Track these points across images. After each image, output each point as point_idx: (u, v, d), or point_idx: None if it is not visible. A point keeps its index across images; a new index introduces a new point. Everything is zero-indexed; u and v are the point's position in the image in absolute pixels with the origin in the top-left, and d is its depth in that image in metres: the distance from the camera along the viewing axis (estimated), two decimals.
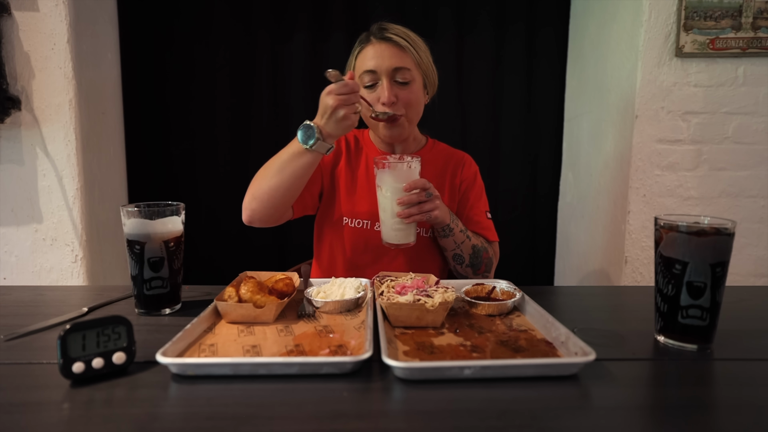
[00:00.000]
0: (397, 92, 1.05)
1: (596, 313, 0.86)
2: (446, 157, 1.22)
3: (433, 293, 0.76)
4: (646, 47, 1.56)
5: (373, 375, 0.59)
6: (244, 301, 0.75)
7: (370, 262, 1.13)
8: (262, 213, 1.03)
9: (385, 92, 1.04)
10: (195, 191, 2.03)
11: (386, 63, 1.04)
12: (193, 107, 2.00)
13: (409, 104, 1.07)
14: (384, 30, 1.07)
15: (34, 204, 1.55)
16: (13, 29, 1.48)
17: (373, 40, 1.07)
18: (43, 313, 0.82)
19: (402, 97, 1.06)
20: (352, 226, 1.13)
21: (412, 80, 1.07)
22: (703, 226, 0.65)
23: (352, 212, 1.13)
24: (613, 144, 1.73)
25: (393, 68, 1.04)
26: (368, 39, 1.08)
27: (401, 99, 1.06)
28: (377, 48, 1.05)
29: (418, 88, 1.09)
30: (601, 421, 0.50)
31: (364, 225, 1.12)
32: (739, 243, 1.60)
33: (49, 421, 0.49)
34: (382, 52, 1.05)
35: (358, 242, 1.13)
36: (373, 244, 1.12)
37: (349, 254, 1.13)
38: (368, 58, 1.06)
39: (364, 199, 1.14)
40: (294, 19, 1.98)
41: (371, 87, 1.07)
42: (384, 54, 1.04)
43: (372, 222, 1.12)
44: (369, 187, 1.14)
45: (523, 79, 2.09)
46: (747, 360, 0.65)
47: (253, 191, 1.02)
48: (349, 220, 1.13)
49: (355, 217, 1.13)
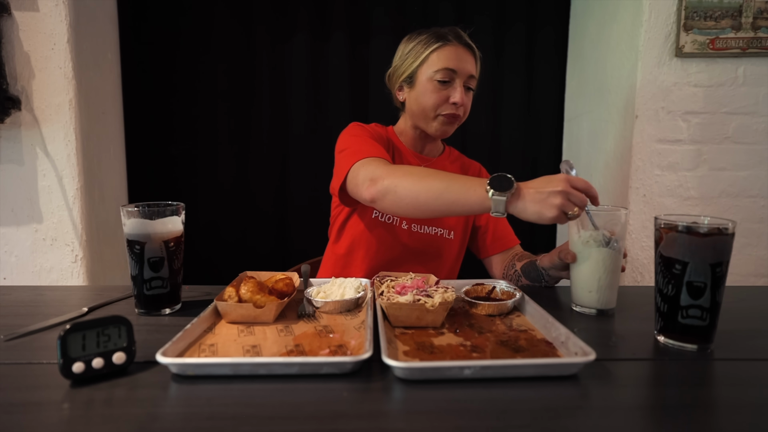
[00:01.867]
0: (464, 96, 1.10)
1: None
2: (462, 166, 1.26)
3: (433, 293, 0.76)
4: (646, 47, 1.56)
5: (373, 375, 0.59)
6: (244, 301, 0.75)
7: (391, 260, 1.14)
8: (391, 207, 0.93)
9: (459, 94, 1.08)
10: (195, 191, 2.03)
11: (467, 68, 1.09)
12: (193, 107, 2.00)
13: (466, 111, 1.14)
14: (463, 36, 1.12)
15: (34, 204, 1.55)
16: (13, 29, 1.48)
17: (456, 42, 1.10)
18: (43, 313, 0.82)
19: (466, 103, 1.12)
20: (382, 221, 1.14)
21: (473, 89, 1.14)
22: (703, 226, 0.65)
23: None
24: (613, 144, 1.73)
25: (469, 74, 1.10)
26: (448, 39, 1.10)
27: (465, 104, 1.12)
28: (460, 51, 1.09)
29: (472, 97, 1.16)
30: (601, 421, 0.49)
31: (394, 221, 1.14)
32: (739, 243, 1.60)
33: (49, 421, 0.49)
34: (465, 56, 1.10)
35: (385, 237, 1.14)
36: (398, 241, 1.14)
37: (373, 248, 1.14)
38: (450, 58, 1.09)
39: None
40: (294, 19, 1.98)
41: (444, 83, 1.09)
42: (466, 59, 1.10)
43: (400, 219, 1.14)
44: None
45: (523, 79, 2.09)
46: (747, 360, 0.64)
47: (393, 186, 0.90)
48: (380, 215, 1.14)
49: (385, 213, 1.14)
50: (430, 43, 1.10)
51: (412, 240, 1.15)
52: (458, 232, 1.19)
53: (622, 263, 0.85)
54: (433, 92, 1.09)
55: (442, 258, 1.18)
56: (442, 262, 1.19)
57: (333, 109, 2.03)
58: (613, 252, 0.81)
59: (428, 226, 1.15)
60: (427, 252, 1.16)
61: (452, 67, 1.08)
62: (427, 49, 1.10)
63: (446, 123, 1.12)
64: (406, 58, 1.14)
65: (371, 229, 1.14)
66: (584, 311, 0.83)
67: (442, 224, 1.17)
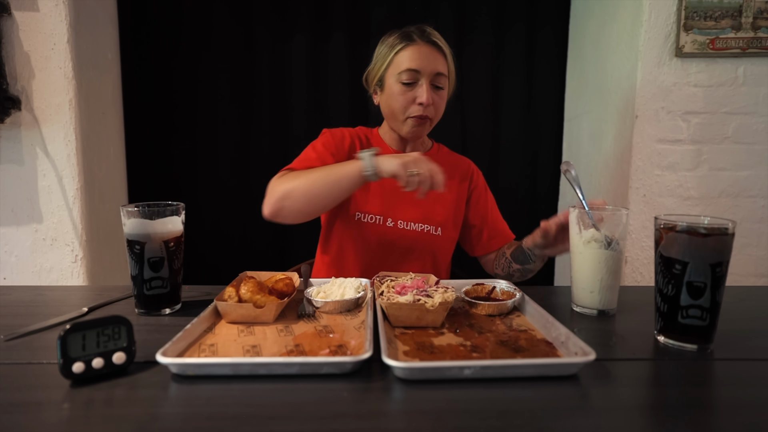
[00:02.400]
0: (432, 96, 1.08)
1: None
2: (452, 162, 1.24)
3: (433, 293, 0.76)
4: (646, 47, 1.56)
5: (373, 375, 0.59)
6: (244, 301, 0.75)
7: (381, 259, 1.14)
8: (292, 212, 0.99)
9: (424, 94, 1.06)
10: (195, 191, 2.03)
11: (430, 66, 1.07)
12: (194, 107, 2.00)
13: (438, 110, 1.12)
14: (428, 33, 1.10)
15: (34, 204, 1.55)
16: (13, 29, 1.48)
17: (418, 41, 1.08)
18: (43, 313, 0.82)
19: (436, 101, 1.10)
20: (365, 221, 1.14)
21: (444, 87, 1.11)
22: (703, 226, 0.65)
23: (365, 208, 1.15)
24: (613, 144, 1.73)
25: (435, 72, 1.08)
26: (412, 38, 1.09)
27: (435, 103, 1.10)
28: (423, 49, 1.08)
29: (445, 95, 1.14)
30: (601, 421, 0.49)
31: (377, 220, 1.14)
32: (739, 243, 1.60)
33: (49, 421, 0.49)
34: (428, 55, 1.07)
35: (371, 237, 1.14)
36: (385, 240, 1.14)
37: (361, 250, 1.14)
38: (413, 58, 1.07)
39: (377, 196, 1.15)
40: (294, 19, 1.98)
41: (409, 85, 1.08)
42: (429, 57, 1.07)
43: (384, 218, 1.14)
44: (381, 184, 1.13)
45: (523, 79, 2.08)
46: (747, 360, 0.64)
47: (288, 190, 0.97)
48: (362, 215, 1.14)
49: (368, 212, 1.14)
50: (395, 44, 1.10)
51: (399, 238, 1.14)
52: (447, 229, 1.18)
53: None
54: (399, 94, 1.09)
55: (433, 255, 1.17)
56: (434, 259, 1.18)
57: (333, 109, 2.03)
58: (615, 253, 0.81)
59: (414, 223, 1.14)
60: (415, 249, 1.15)
61: (415, 68, 1.06)
62: (392, 51, 1.10)
63: (416, 125, 1.11)
64: (377, 61, 1.14)
65: (356, 232, 1.14)
66: (585, 312, 0.83)
67: (429, 221, 1.15)
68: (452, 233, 1.21)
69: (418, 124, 1.11)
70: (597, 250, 0.81)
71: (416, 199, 1.08)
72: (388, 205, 1.14)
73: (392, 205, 1.14)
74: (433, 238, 1.16)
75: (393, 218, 1.14)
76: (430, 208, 1.16)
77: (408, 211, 1.15)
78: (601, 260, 0.81)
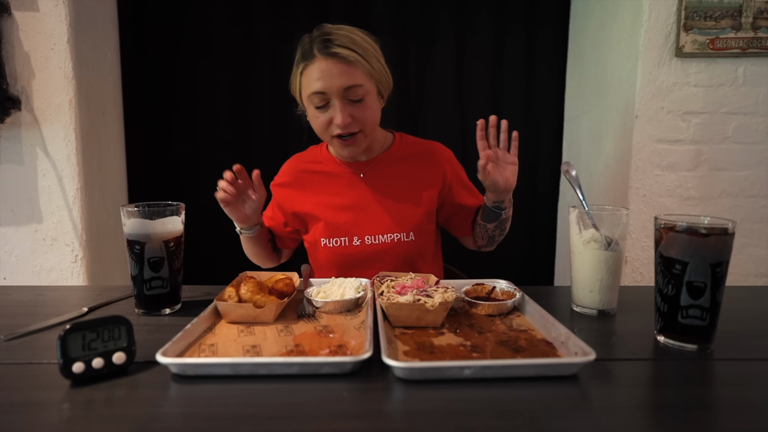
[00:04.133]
0: (351, 111, 0.98)
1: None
2: (420, 150, 1.16)
3: (433, 293, 0.76)
4: (646, 47, 1.56)
5: (373, 375, 0.59)
6: (244, 301, 0.75)
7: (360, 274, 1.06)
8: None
9: (338, 115, 0.97)
10: (195, 191, 2.03)
11: (336, 83, 0.95)
12: (194, 107, 2.01)
13: (365, 121, 1.00)
14: (328, 42, 0.96)
15: (34, 204, 1.55)
16: (13, 29, 1.48)
17: (318, 56, 0.96)
18: (43, 313, 0.82)
19: (357, 115, 0.99)
20: (330, 246, 1.10)
21: (365, 94, 0.99)
22: (703, 226, 0.65)
23: (328, 233, 1.10)
24: (613, 144, 1.73)
25: (344, 87, 0.96)
26: (312, 54, 0.97)
27: (356, 118, 0.99)
28: (323, 66, 0.96)
29: (373, 100, 1.02)
30: (601, 421, 0.49)
31: (342, 242, 1.09)
32: (739, 243, 1.60)
33: (49, 421, 0.49)
34: (330, 71, 0.95)
35: (339, 260, 1.10)
36: (354, 259, 1.09)
37: (335, 270, 1.10)
38: (315, 79, 0.97)
39: (340, 218, 1.10)
40: (294, 19, 1.98)
41: (322, 108, 0.99)
42: (332, 73, 0.95)
43: (349, 238, 1.09)
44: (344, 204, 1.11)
45: (523, 80, 2.09)
46: (747, 360, 0.64)
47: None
48: (327, 241, 1.10)
49: (331, 236, 1.10)
50: (298, 64, 1.01)
51: (370, 254, 1.09)
52: (420, 231, 1.10)
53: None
54: (315, 118, 1.01)
55: (411, 261, 1.11)
56: (418, 262, 1.12)
57: None
58: (615, 253, 0.81)
59: (382, 235, 1.08)
60: (386, 259, 1.09)
61: (320, 89, 0.96)
62: (296, 73, 1.02)
63: (344, 145, 1.02)
64: (291, 81, 1.06)
65: (326, 256, 1.11)
66: (585, 312, 0.83)
67: (398, 228, 1.09)
68: (427, 227, 1.13)
69: (346, 144, 1.02)
70: (597, 250, 0.81)
71: (381, 210, 1.09)
72: (351, 224, 1.09)
73: (356, 222, 1.09)
74: (405, 245, 1.09)
75: (359, 235, 1.08)
76: (398, 215, 1.09)
77: (373, 224, 1.09)
78: (601, 260, 0.81)
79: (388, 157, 1.13)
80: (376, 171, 1.12)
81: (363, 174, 1.12)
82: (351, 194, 1.11)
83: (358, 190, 1.11)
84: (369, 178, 1.12)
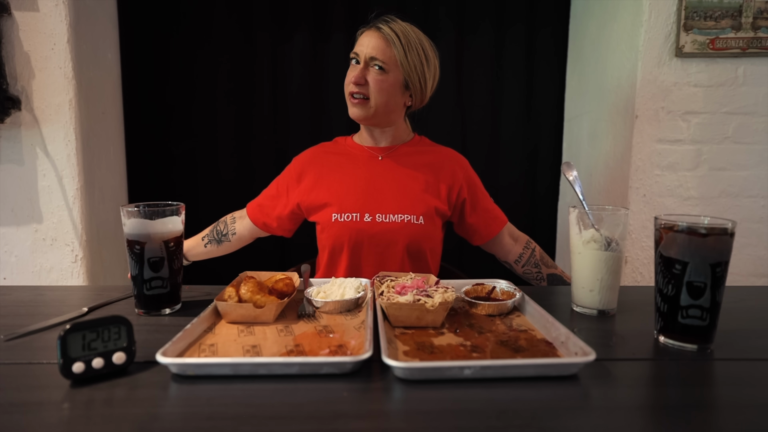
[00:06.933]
0: (367, 75, 1.10)
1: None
2: (437, 154, 1.23)
3: (433, 293, 0.76)
4: (646, 47, 1.56)
5: (373, 375, 0.59)
6: (244, 301, 0.75)
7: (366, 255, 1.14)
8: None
9: (355, 72, 1.11)
10: (195, 191, 2.03)
11: (366, 51, 1.10)
12: (194, 107, 2.00)
13: (377, 89, 1.10)
14: (382, 21, 1.13)
15: (34, 204, 1.55)
16: (13, 29, 1.48)
17: (371, 27, 1.13)
18: (43, 313, 0.82)
19: (371, 81, 1.10)
20: (342, 221, 1.14)
21: (388, 71, 1.11)
22: (703, 226, 0.65)
23: (342, 208, 1.14)
24: (613, 144, 1.73)
25: (370, 56, 1.10)
26: (368, 25, 1.14)
27: (371, 83, 1.10)
28: (367, 35, 1.12)
29: (393, 83, 1.11)
30: (601, 421, 0.49)
31: (354, 218, 1.14)
32: (739, 243, 1.60)
33: (49, 421, 0.49)
34: (369, 40, 1.11)
35: (350, 235, 1.13)
36: (365, 235, 1.13)
37: (346, 248, 1.14)
38: (358, 42, 1.14)
39: (353, 194, 1.15)
40: (294, 20, 1.98)
41: (353, 66, 1.14)
42: (369, 42, 1.11)
43: (361, 214, 1.13)
44: (356, 182, 1.16)
45: (523, 79, 2.08)
46: (747, 360, 0.65)
47: None
48: (339, 216, 1.14)
49: (344, 211, 1.14)
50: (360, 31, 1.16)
51: (379, 231, 1.12)
52: (429, 218, 1.15)
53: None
54: (347, 74, 1.15)
55: (418, 244, 1.14)
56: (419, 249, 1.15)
57: (333, 110, 2.03)
58: (615, 253, 0.81)
59: (393, 214, 1.13)
60: (397, 240, 1.12)
61: (355, 51, 1.13)
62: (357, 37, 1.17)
63: (353, 103, 1.13)
64: None
65: (336, 231, 1.14)
66: (585, 312, 0.83)
67: (409, 210, 1.14)
68: (437, 221, 1.17)
69: (354, 103, 1.12)
70: (597, 250, 0.81)
71: (395, 191, 1.15)
72: (364, 201, 1.14)
73: (369, 199, 1.14)
74: (415, 228, 1.13)
75: (370, 212, 1.13)
76: (410, 198, 1.15)
77: (386, 204, 1.14)
78: (600, 260, 0.81)
79: (408, 149, 1.22)
80: (395, 157, 1.20)
81: (381, 157, 1.20)
82: (367, 173, 1.18)
83: (375, 170, 1.18)
84: (387, 161, 1.19)
